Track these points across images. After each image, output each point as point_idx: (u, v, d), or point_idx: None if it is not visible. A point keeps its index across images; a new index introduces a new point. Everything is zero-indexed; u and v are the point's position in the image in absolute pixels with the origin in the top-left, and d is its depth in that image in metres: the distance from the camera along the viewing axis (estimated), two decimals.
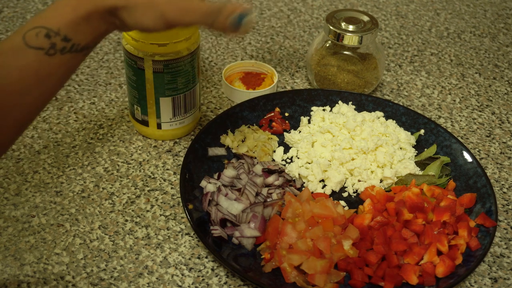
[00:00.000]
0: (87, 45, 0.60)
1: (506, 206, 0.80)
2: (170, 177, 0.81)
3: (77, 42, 0.59)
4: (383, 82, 1.01)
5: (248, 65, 0.99)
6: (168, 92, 0.79)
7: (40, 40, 0.57)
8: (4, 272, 0.68)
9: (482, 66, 1.08)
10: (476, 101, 0.99)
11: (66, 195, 0.77)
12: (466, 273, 0.67)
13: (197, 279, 0.69)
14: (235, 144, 0.84)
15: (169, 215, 0.76)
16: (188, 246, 0.72)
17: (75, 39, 0.59)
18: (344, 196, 0.79)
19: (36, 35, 0.57)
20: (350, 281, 0.67)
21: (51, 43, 0.57)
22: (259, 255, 0.70)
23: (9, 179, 0.79)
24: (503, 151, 0.89)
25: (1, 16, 1.12)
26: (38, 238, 0.71)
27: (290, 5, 1.22)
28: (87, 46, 0.61)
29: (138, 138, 0.86)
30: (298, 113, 0.90)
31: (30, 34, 0.57)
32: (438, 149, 0.84)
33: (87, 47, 0.61)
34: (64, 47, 0.58)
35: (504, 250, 0.74)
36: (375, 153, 0.81)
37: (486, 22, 1.21)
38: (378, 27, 0.91)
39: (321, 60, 0.94)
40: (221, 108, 0.93)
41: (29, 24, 0.58)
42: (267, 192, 0.76)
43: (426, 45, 1.12)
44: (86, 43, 0.60)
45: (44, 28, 0.57)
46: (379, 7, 1.24)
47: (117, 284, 0.67)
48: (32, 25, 0.58)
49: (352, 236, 0.70)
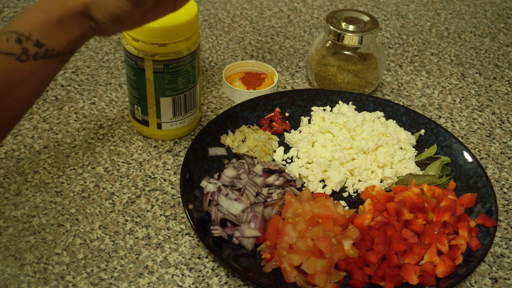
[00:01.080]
0: (62, 51, 0.58)
1: (507, 206, 0.80)
2: (170, 177, 0.81)
3: (51, 48, 0.57)
4: (383, 82, 1.01)
5: (248, 65, 0.99)
6: (168, 92, 0.79)
7: (11, 46, 0.55)
8: (4, 272, 0.68)
9: (482, 66, 1.08)
10: (477, 101, 0.99)
11: (66, 195, 0.77)
12: (467, 273, 0.67)
13: (197, 279, 0.69)
14: (235, 144, 0.84)
15: (169, 215, 0.76)
16: (188, 246, 0.72)
17: (48, 44, 0.57)
18: (344, 196, 0.79)
19: (6, 40, 0.55)
20: (350, 281, 0.67)
21: (23, 48, 0.55)
22: (259, 255, 0.70)
23: (9, 179, 0.79)
24: (503, 151, 0.89)
25: (1, 16, 1.12)
26: (38, 238, 0.71)
27: (290, 5, 1.22)
28: (63, 52, 0.58)
29: (138, 138, 0.86)
30: (298, 113, 0.90)
31: (0, 39, 0.55)
32: (439, 149, 0.84)
33: (63, 53, 0.58)
34: (37, 52, 0.56)
35: (504, 250, 0.74)
36: (375, 153, 0.81)
37: (486, 22, 1.21)
38: (378, 27, 0.91)
39: (322, 60, 0.94)
40: (221, 108, 0.93)
41: (1, 30, 0.56)
42: (267, 192, 0.76)
43: (426, 45, 1.12)
44: (61, 48, 0.58)
45: (15, 33, 0.55)
46: (379, 7, 1.24)
47: (117, 284, 0.67)
48: (3, 30, 0.55)
49: (352, 236, 0.70)
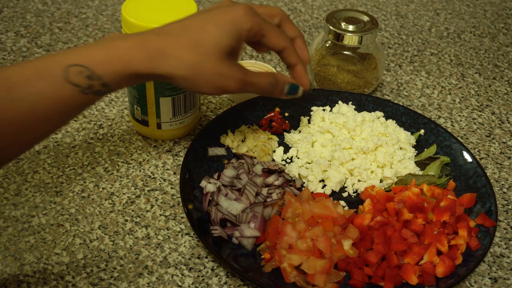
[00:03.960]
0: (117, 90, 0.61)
1: (506, 206, 0.80)
2: (170, 177, 0.81)
3: (112, 89, 0.59)
4: (383, 82, 1.01)
5: (248, 65, 0.99)
6: (168, 92, 0.79)
7: (81, 79, 0.56)
8: (4, 272, 0.68)
9: (482, 66, 1.08)
10: (476, 101, 0.99)
11: (66, 195, 0.77)
12: (466, 273, 0.67)
13: (197, 279, 0.69)
14: (235, 144, 0.84)
15: (169, 215, 0.76)
16: (188, 246, 0.72)
17: (112, 87, 0.59)
18: (344, 196, 0.79)
19: (78, 73, 0.56)
20: (350, 281, 0.67)
21: (89, 85, 0.57)
22: (259, 255, 0.70)
23: (9, 179, 0.79)
24: (503, 151, 0.89)
25: (1, 16, 1.12)
26: (38, 238, 0.71)
27: (290, 5, 1.22)
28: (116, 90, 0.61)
29: (138, 138, 0.86)
30: (298, 113, 0.90)
31: (73, 70, 0.56)
32: (438, 149, 0.84)
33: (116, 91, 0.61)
34: (100, 91, 0.58)
35: (504, 250, 0.74)
36: (375, 153, 0.81)
37: (486, 22, 1.21)
38: (378, 27, 0.91)
39: (321, 60, 0.94)
40: (221, 108, 0.93)
41: (73, 56, 0.57)
42: (267, 192, 0.76)
43: (426, 45, 1.12)
44: (118, 89, 0.60)
45: (88, 70, 0.57)
46: (379, 7, 1.24)
47: (117, 284, 0.67)
48: (77, 60, 0.57)
49: (352, 236, 0.70)
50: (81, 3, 1.17)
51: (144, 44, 0.60)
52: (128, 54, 0.58)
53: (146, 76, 0.61)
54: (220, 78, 0.63)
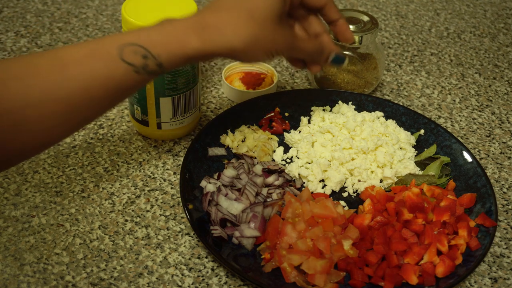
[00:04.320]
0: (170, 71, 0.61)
1: (506, 206, 0.80)
2: (170, 177, 0.81)
3: (167, 69, 0.59)
4: (383, 82, 1.01)
5: (248, 65, 0.99)
6: (168, 92, 0.79)
7: (136, 59, 0.56)
8: (4, 272, 0.68)
9: (482, 66, 1.08)
10: (476, 101, 0.99)
11: (66, 195, 0.77)
12: (466, 273, 0.67)
13: (197, 279, 0.69)
14: (235, 144, 0.84)
15: (169, 215, 0.76)
16: (188, 246, 0.72)
17: (167, 67, 0.58)
18: (344, 196, 0.79)
19: (134, 53, 0.56)
20: (350, 281, 0.67)
21: (145, 64, 0.56)
22: (259, 255, 0.70)
23: (9, 179, 0.79)
24: (503, 151, 0.89)
25: (1, 16, 1.12)
26: (38, 238, 0.71)
27: None
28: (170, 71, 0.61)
29: (138, 138, 0.86)
30: (298, 113, 0.90)
31: (128, 49, 0.56)
32: (438, 149, 0.84)
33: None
34: (154, 70, 0.58)
35: (504, 250, 0.74)
36: (375, 153, 0.81)
37: (486, 22, 1.21)
38: (378, 27, 0.91)
39: None
40: (221, 108, 0.93)
41: (129, 36, 0.57)
42: (267, 192, 0.76)
43: (426, 45, 1.12)
44: (172, 69, 0.60)
45: (144, 49, 0.56)
46: (379, 7, 1.24)
47: (117, 284, 0.67)
48: (133, 40, 0.56)
49: (352, 236, 0.70)
50: (81, 3, 1.17)
51: (200, 22, 0.59)
52: (185, 33, 0.58)
53: (202, 56, 0.60)
54: (274, 44, 0.63)
